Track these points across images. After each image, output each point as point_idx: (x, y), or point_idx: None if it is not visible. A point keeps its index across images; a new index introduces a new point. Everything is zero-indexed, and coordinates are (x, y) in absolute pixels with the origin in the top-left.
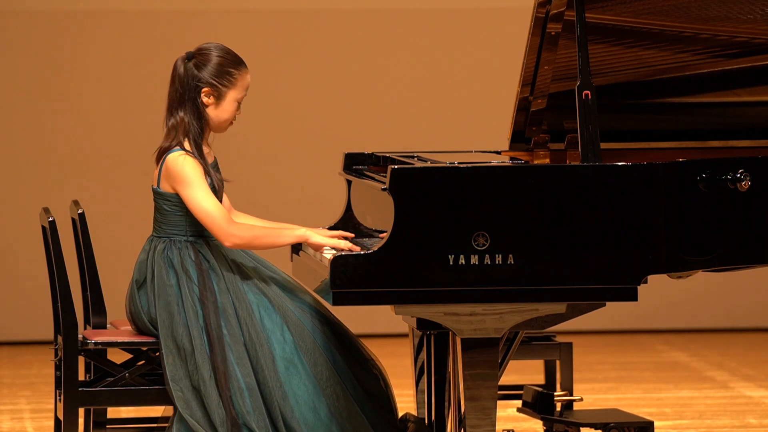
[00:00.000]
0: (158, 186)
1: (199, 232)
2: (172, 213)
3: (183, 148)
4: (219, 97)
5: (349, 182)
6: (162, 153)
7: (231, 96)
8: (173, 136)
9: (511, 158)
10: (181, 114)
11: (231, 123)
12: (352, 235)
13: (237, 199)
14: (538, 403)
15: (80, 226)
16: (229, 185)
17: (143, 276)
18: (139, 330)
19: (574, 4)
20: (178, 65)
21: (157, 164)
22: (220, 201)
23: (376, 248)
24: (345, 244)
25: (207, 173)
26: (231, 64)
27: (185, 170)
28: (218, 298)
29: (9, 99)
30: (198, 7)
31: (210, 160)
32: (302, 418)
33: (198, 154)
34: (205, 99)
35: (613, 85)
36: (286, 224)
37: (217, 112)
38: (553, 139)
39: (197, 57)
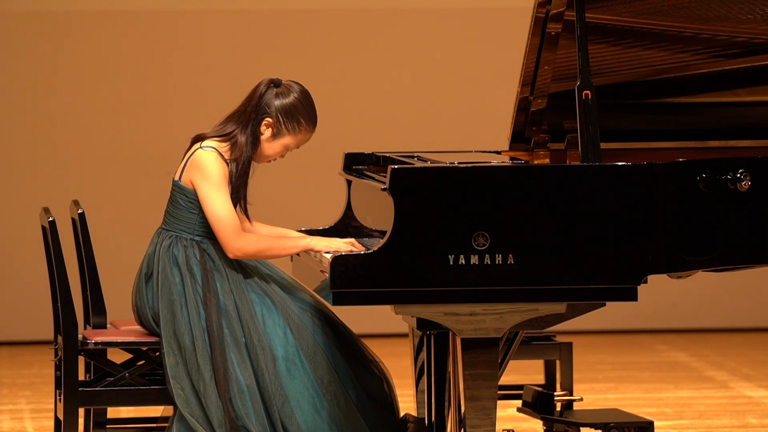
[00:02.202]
0: (180, 179)
1: (206, 233)
2: (186, 209)
3: (217, 149)
4: (276, 135)
5: (349, 182)
6: (195, 141)
7: (286, 140)
8: (224, 138)
9: (511, 158)
10: (241, 130)
11: (269, 161)
12: (361, 248)
13: None
14: (538, 403)
15: (80, 226)
16: None
17: (151, 269)
18: (142, 323)
19: (574, 4)
20: (261, 85)
21: (185, 155)
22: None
23: (376, 248)
24: (347, 248)
25: (230, 183)
26: (304, 114)
27: (212, 168)
28: (221, 299)
29: (9, 99)
30: (198, 7)
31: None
32: (302, 420)
33: (235, 170)
34: (263, 128)
35: (613, 85)
36: (290, 231)
37: (264, 146)
38: (553, 139)
39: (281, 89)
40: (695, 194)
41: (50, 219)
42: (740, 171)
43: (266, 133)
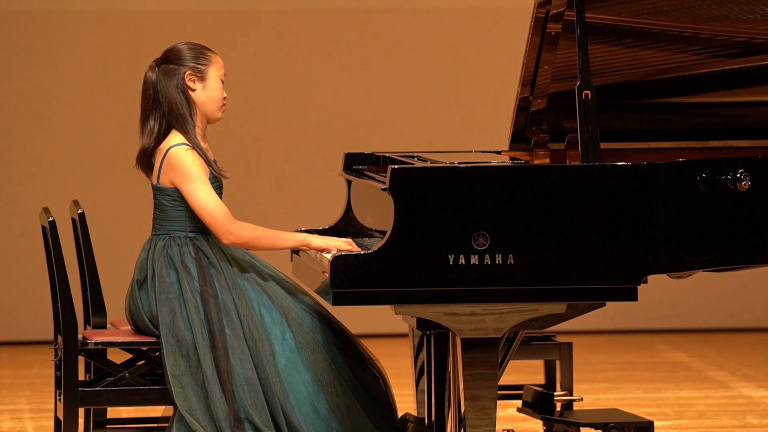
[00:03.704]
0: (158, 182)
1: (198, 228)
2: (172, 208)
3: (185, 143)
4: (203, 78)
5: (349, 182)
6: (148, 151)
7: (213, 74)
8: (156, 133)
9: (511, 158)
10: (159, 113)
11: (223, 106)
12: (359, 249)
13: (237, 199)
14: (538, 403)
15: (80, 226)
16: (229, 185)
17: (144, 275)
18: (139, 330)
19: (574, 4)
20: (148, 75)
21: (146, 163)
22: (221, 195)
23: (376, 248)
24: (346, 247)
25: (211, 166)
26: (200, 47)
27: (187, 164)
28: (219, 293)
29: (9, 99)
30: (198, 7)
31: (210, 157)
32: (302, 414)
33: (198, 148)
34: (190, 84)
35: (613, 85)
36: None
37: (206, 93)
38: (553, 139)
39: (165, 57)
40: (695, 194)
41: (50, 219)
42: (740, 171)
43: (195, 84)
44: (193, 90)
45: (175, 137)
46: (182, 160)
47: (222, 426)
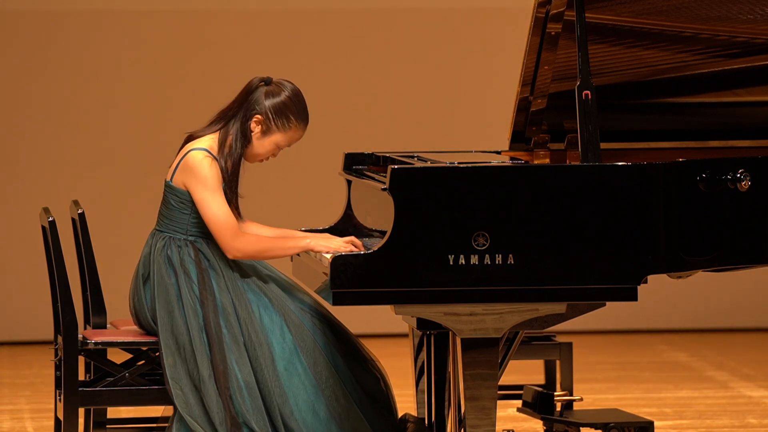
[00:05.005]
0: (171, 179)
1: (200, 232)
2: (177, 209)
3: (209, 150)
4: (265, 132)
5: (349, 182)
6: (188, 141)
7: (275, 138)
8: (209, 131)
9: (511, 158)
10: (231, 127)
11: (261, 161)
12: (360, 244)
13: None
14: (538, 403)
15: (80, 226)
16: None
17: (148, 270)
18: (141, 324)
19: (574, 4)
20: (253, 83)
21: (177, 155)
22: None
23: (376, 248)
24: (346, 248)
25: (224, 181)
26: (295, 111)
27: (205, 172)
28: (218, 297)
29: (9, 99)
30: (198, 7)
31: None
32: (301, 418)
33: (225, 168)
34: (253, 125)
35: (613, 85)
36: (291, 231)
37: (255, 144)
38: (553, 139)
39: (272, 86)
40: (695, 194)
41: (50, 219)
42: (740, 171)
43: (256, 130)
44: (251, 131)
45: (205, 140)
46: (199, 165)
47: (219, 431)
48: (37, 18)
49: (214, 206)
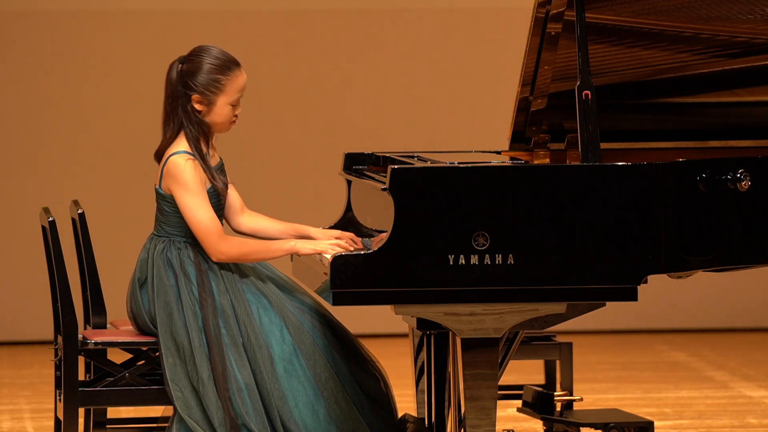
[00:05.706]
0: (160, 186)
1: None
2: (172, 214)
3: (187, 151)
4: (209, 104)
5: (349, 182)
6: (161, 152)
7: (221, 101)
8: (170, 136)
9: (511, 158)
10: (177, 118)
11: (232, 122)
12: (351, 235)
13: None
14: (538, 403)
15: (80, 226)
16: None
17: (145, 274)
18: (140, 328)
19: (574, 4)
20: (171, 69)
21: (159, 163)
22: (224, 204)
23: (375, 248)
24: (333, 251)
25: (212, 177)
26: (218, 70)
27: (185, 175)
28: (217, 299)
29: (9, 99)
30: (198, 7)
31: (215, 162)
32: (300, 419)
33: (199, 156)
34: (196, 106)
35: (613, 85)
36: (299, 226)
37: (211, 117)
38: (553, 139)
39: (188, 62)
40: (695, 194)
41: (50, 219)
42: (740, 171)
43: (201, 108)
44: (200, 112)
45: (180, 143)
46: (180, 170)
47: None
48: (37, 18)
49: (195, 210)
